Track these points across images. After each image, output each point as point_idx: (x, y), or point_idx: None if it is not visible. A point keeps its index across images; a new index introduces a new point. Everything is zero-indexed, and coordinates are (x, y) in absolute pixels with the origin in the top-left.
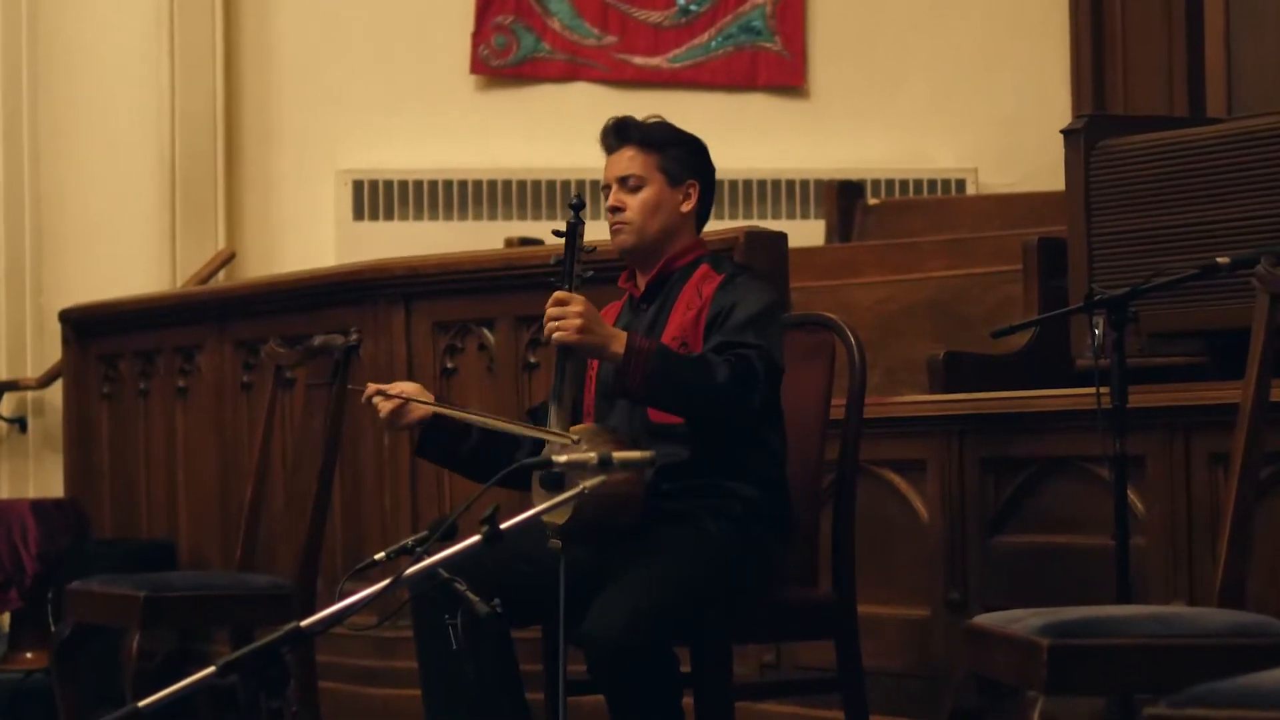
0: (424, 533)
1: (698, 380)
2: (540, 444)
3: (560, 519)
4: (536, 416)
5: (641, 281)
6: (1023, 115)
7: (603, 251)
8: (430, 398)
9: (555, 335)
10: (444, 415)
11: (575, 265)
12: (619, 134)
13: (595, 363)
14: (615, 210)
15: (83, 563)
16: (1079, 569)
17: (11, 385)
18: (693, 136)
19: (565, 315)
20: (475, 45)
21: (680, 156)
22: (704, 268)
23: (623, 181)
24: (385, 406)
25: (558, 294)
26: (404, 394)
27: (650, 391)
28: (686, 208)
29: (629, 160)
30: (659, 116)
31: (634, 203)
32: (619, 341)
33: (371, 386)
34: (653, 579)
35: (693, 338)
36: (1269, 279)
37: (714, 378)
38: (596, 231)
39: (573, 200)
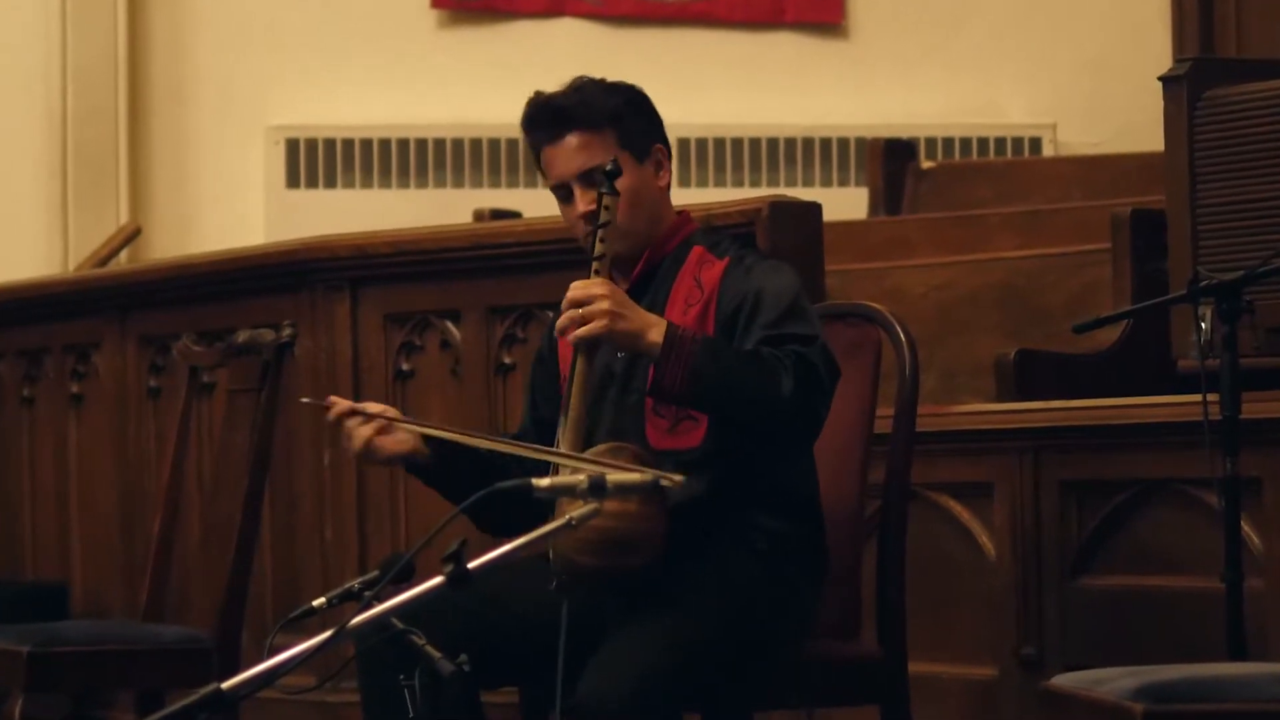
0: (374, 573)
1: (757, 384)
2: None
3: (580, 555)
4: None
5: (621, 280)
6: (1112, 59)
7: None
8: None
9: (582, 329)
10: (436, 440)
11: (598, 243)
12: (557, 118)
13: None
14: (591, 217)
15: None
16: (1181, 618)
17: None
18: (630, 86)
19: (592, 300)
20: None
21: (637, 120)
22: (697, 250)
23: (585, 178)
24: (361, 433)
25: (575, 283)
26: (385, 414)
27: (693, 391)
28: (664, 180)
29: (582, 149)
30: (584, 76)
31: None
32: (657, 329)
33: (340, 403)
34: (662, 635)
35: None
36: None
37: (777, 384)
38: None
39: (608, 166)
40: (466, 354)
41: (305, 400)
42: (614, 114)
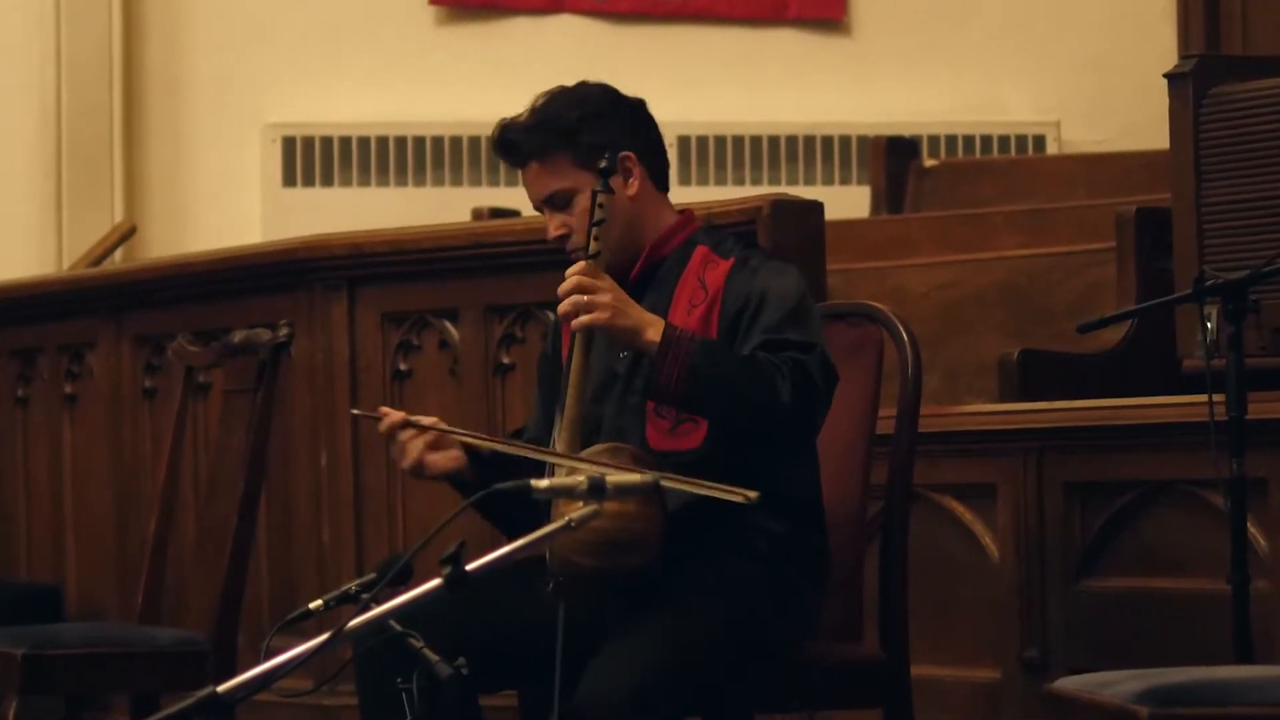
0: (372, 575)
1: (754, 388)
2: None
3: (578, 556)
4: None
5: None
6: (1116, 56)
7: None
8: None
9: (584, 317)
10: (482, 459)
11: (592, 241)
12: (511, 150)
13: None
14: (564, 239)
15: None
16: (1186, 620)
17: None
18: (593, 96)
19: (595, 290)
20: None
21: (592, 134)
22: (701, 250)
23: (550, 203)
24: (413, 449)
25: (581, 264)
26: (437, 425)
27: (689, 392)
28: (634, 188)
29: (539, 176)
30: (548, 91)
31: (577, 221)
32: (655, 329)
33: (393, 415)
34: (663, 637)
35: None
36: None
37: (774, 389)
38: None
39: (602, 163)
40: (465, 354)
41: (356, 412)
42: (566, 135)
